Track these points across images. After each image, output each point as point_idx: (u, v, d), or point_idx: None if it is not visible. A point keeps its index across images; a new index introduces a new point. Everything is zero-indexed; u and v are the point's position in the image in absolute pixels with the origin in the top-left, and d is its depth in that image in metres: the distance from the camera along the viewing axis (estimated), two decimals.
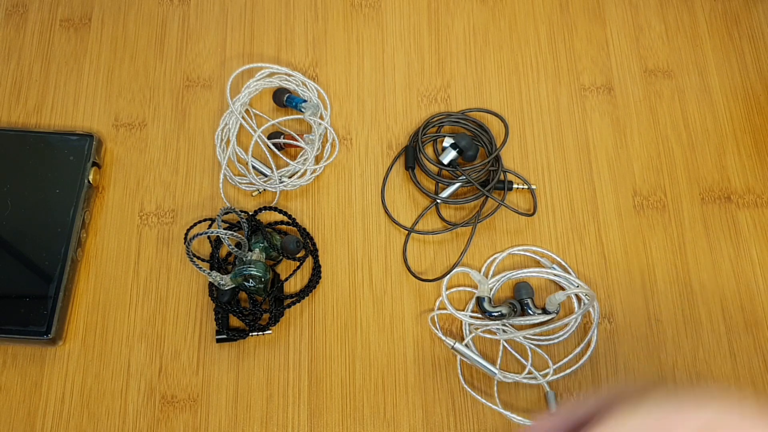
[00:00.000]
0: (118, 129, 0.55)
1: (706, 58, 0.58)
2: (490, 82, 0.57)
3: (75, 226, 0.49)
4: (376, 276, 0.51)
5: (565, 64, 0.58)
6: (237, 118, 0.53)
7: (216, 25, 0.58)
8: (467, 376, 0.48)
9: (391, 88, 0.57)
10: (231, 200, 0.53)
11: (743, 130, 0.56)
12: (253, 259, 0.46)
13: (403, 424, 0.47)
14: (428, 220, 0.53)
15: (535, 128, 0.56)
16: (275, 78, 0.55)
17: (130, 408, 0.47)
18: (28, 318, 0.47)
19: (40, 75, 0.56)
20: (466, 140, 0.52)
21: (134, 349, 0.48)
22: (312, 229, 0.52)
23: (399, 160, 0.54)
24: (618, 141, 0.55)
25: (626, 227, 0.52)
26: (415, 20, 0.59)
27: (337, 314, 0.50)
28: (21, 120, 0.54)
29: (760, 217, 0.53)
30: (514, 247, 0.51)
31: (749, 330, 0.50)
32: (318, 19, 0.59)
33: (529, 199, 0.53)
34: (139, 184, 0.53)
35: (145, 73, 0.56)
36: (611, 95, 0.57)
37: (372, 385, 0.48)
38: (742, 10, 0.60)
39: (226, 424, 0.46)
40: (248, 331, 0.48)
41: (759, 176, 0.54)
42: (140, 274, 0.50)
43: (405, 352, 0.49)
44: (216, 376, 0.48)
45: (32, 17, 0.58)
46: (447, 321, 0.50)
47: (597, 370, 0.48)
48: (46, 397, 0.47)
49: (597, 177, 0.54)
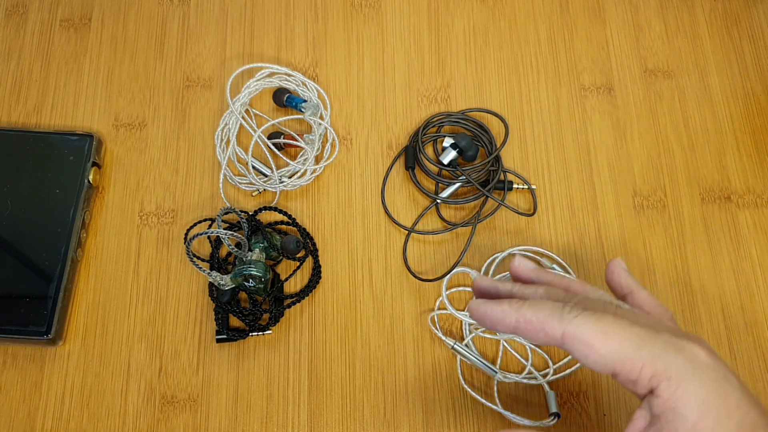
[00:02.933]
0: (118, 129, 0.55)
1: (706, 58, 0.58)
2: (490, 82, 0.57)
3: (75, 226, 0.49)
4: (376, 276, 0.51)
5: (565, 64, 0.58)
6: (237, 118, 0.53)
7: (216, 25, 0.58)
8: (467, 376, 0.48)
9: (391, 88, 0.57)
10: (231, 200, 0.53)
11: (743, 130, 0.56)
12: (253, 259, 0.46)
13: (403, 424, 0.47)
14: (428, 220, 0.53)
15: (535, 128, 0.56)
16: (275, 78, 0.55)
17: (130, 408, 0.47)
18: (28, 318, 0.47)
19: (40, 75, 0.56)
20: (466, 140, 0.52)
21: (134, 349, 0.48)
22: (312, 229, 0.52)
23: (399, 160, 0.54)
24: (618, 141, 0.55)
25: (626, 227, 0.52)
26: (415, 20, 0.59)
27: (337, 314, 0.50)
28: (21, 120, 0.54)
29: (760, 217, 0.53)
30: (514, 247, 0.51)
31: (749, 330, 0.50)
32: (318, 19, 0.59)
33: (529, 199, 0.53)
34: (139, 184, 0.53)
35: (145, 73, 0.56)
36: (611, 95, 0.57)
37: (372, 384, 0.48)
38: (742, 10, 0.60)
39: (226, 424, 0.46)
40: (248, 331, 0.48)
41: (759, 176, 0.54)
42: (140, 274, 0.50)
43: (405, 352, 0.49)
44: (216, 376, 0.48)
45: (32, 17, 0.58)
46: (447, 321, 0.50)
47: None
48: (46, 397, 0.47)
49: (597, 177, 0.54)
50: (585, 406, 0.47)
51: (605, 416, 0.47)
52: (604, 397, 0.48)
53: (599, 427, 0.47)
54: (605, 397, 0.48)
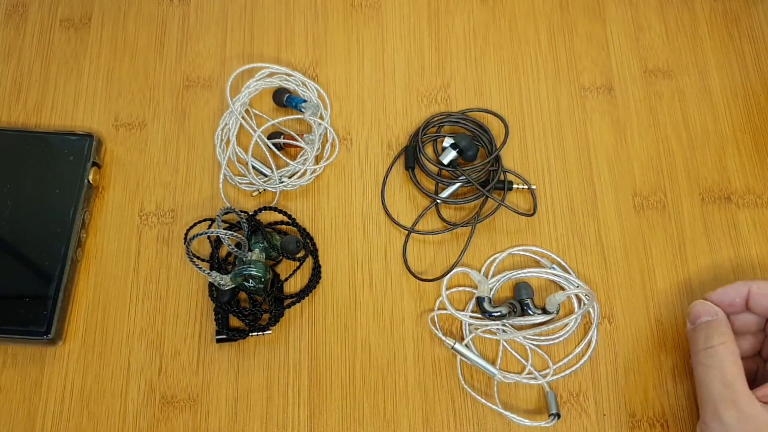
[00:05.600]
0: (117, 129, 0.55)
1: (706, 58, 0.58)
2: (490, 82, 0.57)
3: (75, 226, 0.49)
4: (376, 276, 0.51)
5: (565, 64, 0.58)
6: (237, 118, 0.53)
7: (216, 25, 0.58)
8: (467, 376, 0.48)
9: (391, 88, 0.57)
10: (231, 200, 0.53)
11: (743, 130, 0.56)
12: (252, 259, 0.46)
13: (403, 424, 0.47)
14: (428, 220, 0.53)
15: (535, 128, 0.56)
16: (275, 78, 0.55)
17: (130, 408, 0.47)
18: (27, 318, 0.47)
19: (40, 75, 0.56)
20: (466, 140, 0.52)
21: (134, 349, 0.48)
22: (312, 229, 0.52)
23: (399, 160, 0.54)
24: (618, 141, 0.55)
25: (626, 227, 0.52)
26: (415, 20, 0.59)
27: (337, 314, 0.50)
28: (21, 120, 0.54)
29: (760, 217, 0.53)
30: (514, 247, 0.51)
31: None
32: (318, 19, 0.59)
33: (529, 199, 0.53)
34: (138, 184, 0.53)
35: (145, 73, 0.56)
36: (611, 95, 0.57)
37: (372, 385, 0.48)
38: (743, 10, 0.60)
39: (225, 424, 0.46)
40: (248, 331, 0.48)
41: (759, 176, 0.54)
42: (140, 274, 0.50)
43: (405, 353, 0.49)
44: (216, 376, 0.48)
45: (32, 17, 0.58)
46: (447, 321, 0.50)
47: (597, 370, 0.48)
48: (46, 397, 0.47)
49: (597, 177, 0.54)
50: (585, 407, 0.47)
51: (605, 416, 0.47)
52: (604, 398, 0.48)
53: (599, 427, 0.47)
54: (605, 398, 0.48)
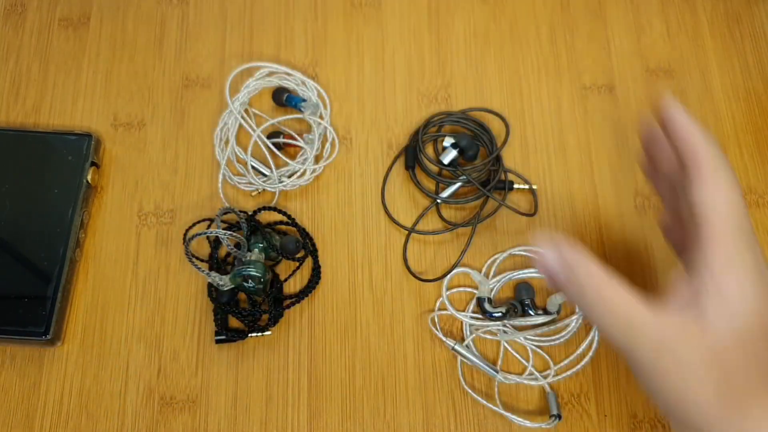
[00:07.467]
0: (116, 129, 0.54)
1: (708, 57, 0.58)
2: (490, 81, 0.57)
3: (74, 227, 0.49)
4: (376, 276, 0.50)
5: (566, 63, 0.58)
6: (236, 118, 0.53)
7: (215, 25, 0.58)
8: (468, 377, 0.48)
9: (391, 88, 0.56)
10: (230, 200, 0.52)
11: (745, 130, 0.56)
12: (252, 259, 0.46)
13: (404, 425, 0.46)
14: (428, 220, 0.52)
15: (536, 128, 0.55)
16: (275, 77, 0.55)
17: (129, 409, 0.46)
18: (26, 318, 0.46)
19: (38, 74, 0.56)
20: (467, 140, 0.52)
21: (133, 349, 0.48)
22: (312, 229, 0.52)
23: (399, 160, 0.54)
24: (619, 141, 0.55)
25: (627, 227, 0.52)
26: (415, 20, 0.59)
27: (337, 315, 0.49)
28: (19, 120, 0.54)
29: (761, 217, 0.53)
30: (515, 248, 0.51)
31: None
32: (318, 18, 0.59)
33: (529, 199, 0.53)
34: (137, 184, 0.53)
35: (144, 73, 0.56)
36: (612, 95, 0.57)
37: (372, 386, 0.47)
38: (744, 9, 0.60)
39: (225, 425, 0.46)
40: (247, 332, 0.48)
41: (761, 176, 0.54)
42: (139, 275, 0.50)
43: (405, 353, 0.48)
44: (215, 377, 0.47)
45: (31, 16, 0.58)
46: (447, 322, 0.49)
47: (598, 371, 0.48)
48: (45, 398, 0.47)
49: (598, 177, 0.54)
50: (586, 408, 0.47)
51: (606, 417, 0.47)
52: (605, 399, 0.47)
53: (601, 428, 0.47)
54: (607, 399, 0.47)
